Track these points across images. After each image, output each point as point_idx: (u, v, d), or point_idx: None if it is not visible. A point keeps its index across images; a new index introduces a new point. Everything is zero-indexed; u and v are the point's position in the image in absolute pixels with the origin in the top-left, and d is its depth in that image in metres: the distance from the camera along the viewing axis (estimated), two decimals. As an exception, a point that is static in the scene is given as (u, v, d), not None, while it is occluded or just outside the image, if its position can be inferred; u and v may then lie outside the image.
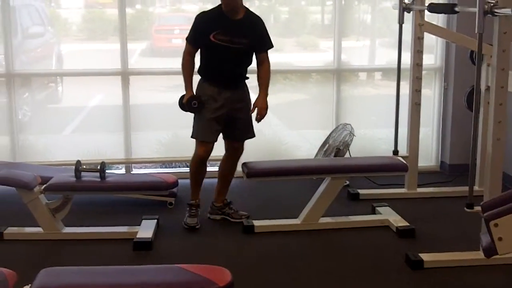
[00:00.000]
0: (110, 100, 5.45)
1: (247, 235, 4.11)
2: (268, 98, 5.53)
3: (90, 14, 5.55)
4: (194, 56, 4.16)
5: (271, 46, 4.25)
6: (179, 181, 4.29)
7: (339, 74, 5.49)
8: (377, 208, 4.44)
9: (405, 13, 4.67)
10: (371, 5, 5.72)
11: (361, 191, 4.84)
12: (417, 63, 4.71)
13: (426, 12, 4.55)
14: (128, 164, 5.40)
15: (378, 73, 5.86)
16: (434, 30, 4.84)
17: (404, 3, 4.63)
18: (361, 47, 5.66)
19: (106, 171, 4.08)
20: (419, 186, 4.93)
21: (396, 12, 4.75)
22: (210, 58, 4.12)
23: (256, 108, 4.19)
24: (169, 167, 5.63)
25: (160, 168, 5.65)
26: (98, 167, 4.05)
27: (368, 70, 5.78)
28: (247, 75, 4.24)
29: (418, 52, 4.68)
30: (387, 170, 4.32)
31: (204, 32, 4.03)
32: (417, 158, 4.88)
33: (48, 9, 5.54)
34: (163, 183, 4.02)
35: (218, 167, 4.50)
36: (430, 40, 5.05)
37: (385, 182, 4.96)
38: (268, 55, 4.23)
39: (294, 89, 5.68)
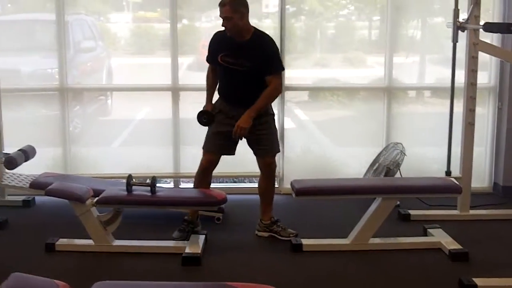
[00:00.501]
0: (159, 114, 5.51)
1: (295, 254, 4.08)
2: (315, 114, 5.62)
3: (138, 29, 5.61)
4: (215, 72, 4.27)
5: (278, 69, 4.18)
6: (227, 196, 4.29)
7: (390, 92, 5.45)
8: (429, 230, 4.35)
9: (459, 32, 4.61)
10: (421, 21, 5.65)
11: (412, 212, 4.75)
12: (472, 83, 4.62)
13: (481, 30, 4.48)
14: (177, 178, 5.44)
15: (428, 90, 5.77)
16: (489, 49, 4.76)
17: (459, 21, 4.56)
18: (410, 63, 5.59)
19: (156, 185, 4.10)
20: (472, 208, 4.82)
21: (447, 28, 4.69)
22: (222, 77, 4.24)
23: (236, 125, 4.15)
24: (217, 182, 5.62)
25: (226, 183, 5.67)
26: (149, 181, 4.08)
27: (420, 88, 5.70)
28: None
29: (472, 71, 4.60)
30: (440, 192, 4.23)
31: (213, 53, 4.19)
32: (471, 180, 4.77)
33: (98, 23, 5.62)
34: (214, 198, 4.01)
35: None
36: (483, 57, 4.95)
37: (436, 202, 4.87)
38: (278, 77, 4.16)
39: (342, 106, 5.64)
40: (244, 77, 4.10)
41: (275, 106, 5.16)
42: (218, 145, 4.23)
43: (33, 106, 5.49)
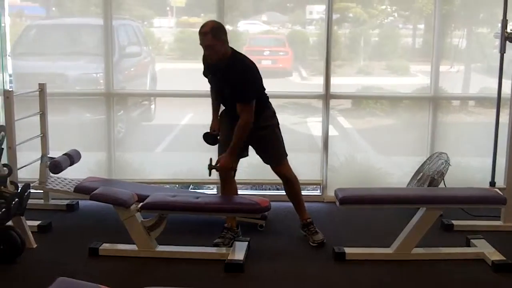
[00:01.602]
0: (202, 119, 5.49)
1: (338, 262, 4.07)
2: (358, 123, 5.59)
3: (182, 34, 5.65)
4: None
5: (245, 99, 4.07)
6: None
7: (436, 101, 5.41)
8: (472, 241, 4.31)
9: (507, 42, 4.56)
10: (466, 30, 5.60)
11: (455, 222, 4.71)
12: (519, 93, 4.58)
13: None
14: (219, 184, 5.43)
15: (472, 100, 5.72)
16: (537, 59, 4.70)
17: (507, 32, 4.52)
18: (454, 72, 5.54)
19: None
20: (516, 219, 4.77)
21: (491, 38, 4.65)
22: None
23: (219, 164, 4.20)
24: (259, 189, 5.66)
25: (250, 189, 5.69)
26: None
27: (465, 98, 5.66)
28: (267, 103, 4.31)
29: (519, 82, 4.56)
30: (485, 203, 4.19)
31: (206, 73, 4.33)
32: (515, 191, 4.72)
33: (142, 28, 5.69)
34: (258, 206, 4.03)
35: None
36: (530, 68, 4.91)
37: (480, 213, 4.81)
38: (246, 106, 4.06)
39: (385, 114, 5.62)
40: (232, 97, 4.15)
41: (319, 113, 5.21)
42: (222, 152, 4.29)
43: (78, 110, 5.59)
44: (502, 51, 4.58)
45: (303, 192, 4.59)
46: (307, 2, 5.55)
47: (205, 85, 5.29)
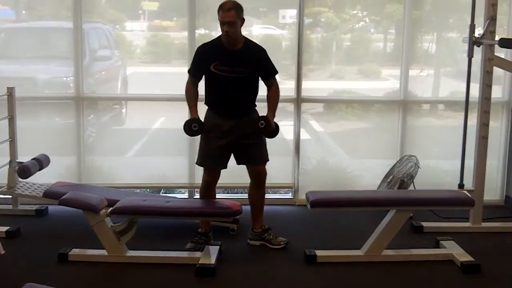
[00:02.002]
0: (174, 123, 5.48)
1: (309, 265, 4.08)
2: (330, 126, 5.62)
3: (154, 38, 5.63)
4: (197, 85, 4.30)
5: (275, 72, 4.34)
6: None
7: (405, 105, 5.47)
8: (441, 242, 4.37)
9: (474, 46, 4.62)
10: (436, 35, 5.67)
11: (425, 224, 4.77)
12: (486, 97, 4.64)
13: (496, 46, 4.49)
14: (192, 188, 5.45)
15: (442, 104, 5.78)
16: (504, 64, 4.78)
17: (474, 37, 4.58)
18: (424, 76, 5.59)
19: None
20: (484, 220, 4.83)
21: (460, 42, 4.71)
22: (213, 88, 4.23)
23: (263, 122, 4.21)
24: (231, 193, 5.66)
25: (222, 193, 5.66)
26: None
27: (434, 101, 5.71)
28: (255, 103, 4.32)
29: (487, 86, 4.62)
30: (453, 205, 4.27)
31: (204, 63, 4.18)
32: (483, 193, 4.79)
33: (114, 32, 5.65)
34: (229, 209, 4.02)
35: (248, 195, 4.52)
36: (497, 72, 4.94)
37: (449, 215, 4.88)
38: (275, 79, 4.33)
39: (357, 118, 5.66)
40: (238, 83, 4.17)
41: (291, 117, 5.23)
42: (219, 161, 4.29)
43: (47, 114, 5.53)
44: (470, 55, 4.63)
45: (276, 196, 4.60)
46: (279, 6, 5.56)
47: (177, 89, 5.31)
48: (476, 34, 4.60)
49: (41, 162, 4.86)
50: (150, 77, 5.66)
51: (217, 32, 5.55)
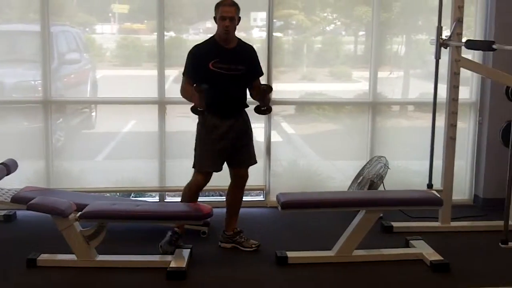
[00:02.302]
0: (144, 127, 5.49)
1: (280, 266, 4.09)
2: (301, 128, 5.65)
3: (124, 40, 5.60)
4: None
5: (262, 73, 4.41)
6: (213, 210, 4.30)
7: (375, 107, 5.51)
8: (411, 242, 4.42)
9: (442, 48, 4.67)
10: (405, 37, 5.73)
11: (394, 224, 4.81)
12: (453, 98, 4.70)
13: (463, 47, 4.54)
14: (162, 192, 5.42)
15: (411, 105, 5.84)
16: (471, 65, 4.84)
17: (441, 39, 4.63)
18: (394, 78, 5.65)
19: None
20: (453, 219, 4.89)
21: (429, 44, 4.76)
22: (212, 87, 4.12)
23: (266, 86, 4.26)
24: (203, 196, 5.61)
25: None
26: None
27: (404, 103, 5.76)
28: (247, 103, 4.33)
29: (454, 87, 4.68)
30: (422, 204, 4.32)
31: (202, 63, 4.13)
32: (451, 192, 4.85)
33: (83, 34, 5.61)
34: (199, 213, 4.01)
35: (225, 196, 4.52)
36: (465, 73, 5.02)
37: (418, 215, 4.92)
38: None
39: (328, 120, 5.69)
40: (236, 80, 4.17)
41: (262, 119, 5.24)
42: (216, 163, 4.25)
43: (15, 118, 5.44)
44: (437, 57, 4.69)
45: (247, 198, 4.60)
46: (251, 9, 5.56)
47: (147, 92, 5.31)
48: (444, 36, 4.66)
49: (8, 167, 4.78)
50: (120, 80, 5.62)
51: (187, 35, 5.62)
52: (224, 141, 4.19)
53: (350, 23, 5.71)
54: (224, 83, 4.15)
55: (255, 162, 4.41)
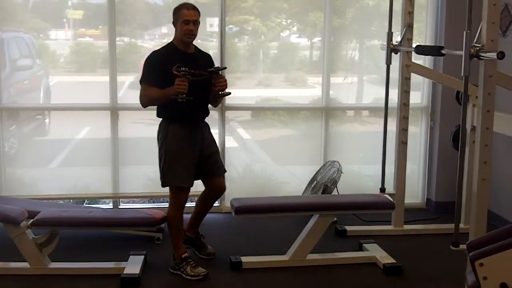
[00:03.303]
0: (97, 133, 5.44)
1: (234, 271, 4.11)
2: (257, 134, 5.69)
3: (78, 46, 5.54)
4: None
5: None
6: (167, 216, 4.29)
7: (327, 112, 5.57)
8: (364, 245, 4.47)
9: (393, 53, 4.74)
10: (359, 42, 5.81)
11: (348, 228, 4.87)
12: (404, 103, 4.78)
13: (413, 53, 4.63)
14: (116, 198, 5.39)
15: (365, 110, 5.92)
16: (421, 71, 4.92)
17: (392, 44, 4.71)
18: (349, 84, 5.72)
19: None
20: (406, 223, 4.97)
21: (383, 51, 4.84)
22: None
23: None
24: (157, 202, 5.63)
25: (148, 203, 5.65)
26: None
27: (356, 108, 5.84)
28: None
29: (405, 92, 4.76)
30: (374, 208, 4.38)
31: (163, 68, 3.87)
32: (404, 196, 4.93)
33: (36, 40, 5.54)
34: (152, 219, 4.01)
35: (196, 203, 4.41)
36: (417, 78, 5.12)
37: (372, 218, 4.99)
38: None
39: (283, 125, 5.73)
40: (201, 86, 3.96)
41: (216, 124, 5.25)
42: (192, 176, 4.06)
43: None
44: (388, 62, 4.76)
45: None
46: (207, 14, 5.55)
47: (102, 98, 5.27)
48: (394, 42, 4.73)
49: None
50: (74, 86, 5.56)
51: (142, 41, 5.60)
52: (194, 151, 4.03)
53: (304, 29, 5.76)
54: (189, 89, 3.84)
55: (225, 169, 4.36)
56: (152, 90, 3.91)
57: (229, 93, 4.16)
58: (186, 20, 3.92)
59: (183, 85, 3.80)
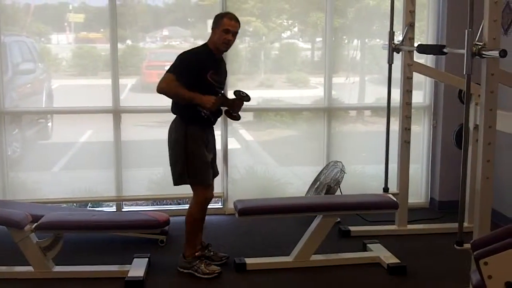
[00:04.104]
0: (100, 136, 5.46)
1: (239, 273, 4.10)
2: (259, 135, 5.68)
3: (80, 50, 5.55)
4: None
5: None
6: (171, 218, 4.29)
7: (330, 112, 5.57)
8: (368, 245, 4.47)
9: (395, 53, 4.74)
10: (360, 42, 5.80)
11: (352, 228, 4.86)
12: (407, 102, 4.78)
13: (415, 52, 4.62)
14: (119, 201, 5.39)
15: (368, 110, 5.92)
16: (423, 70, 4.93)
17: (394, 43, 4.70)
18: (351, 83, 5.72)
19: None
20: (409, 222, 4.97)
21: (384, 50, 4.83)
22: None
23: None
24: (160, 205, 5.63)
25: (151, 205, 5.65)
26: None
27: (359, 108, 5.83)
28: None
29: (407, 91, 4.76)
30: (378, 208, 4.37)
31: (200, 72, 3.92)
32: (407, 196, 4.92)
33: (38, 44, 5.56)
34: (156, 221, 4.02)
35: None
36: (419, 77, 5.13)
37: (375, 218, 4.98)
38: None
39: (285, 126, 5.72)
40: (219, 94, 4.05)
41: (219, 125, 5.24)
42: (211, 174, 4.12)
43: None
44: (390, 61, 4.76)
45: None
46: (208, 16, 5.55)
47: (104, 101, 5.27)
48: (396, 41, 4.73)
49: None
50: (76, 89, 5.57)
51: (144, 43, 5.60)
52: (209, 152, 4.08)
53: (305, 29, 5.76)
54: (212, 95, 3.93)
55: None
56: (180, 87, 3.87)
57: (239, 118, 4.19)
58: (227, 29, 3.95)
59: (214, 105, 3.88)
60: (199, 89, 3.89)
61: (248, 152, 5.71)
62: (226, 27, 3.94)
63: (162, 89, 3.90)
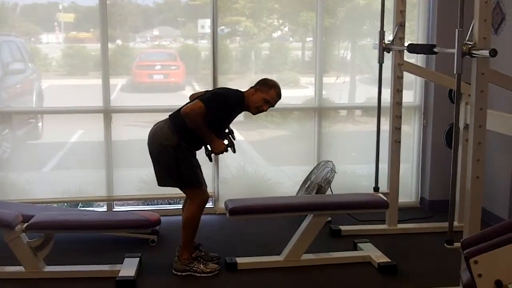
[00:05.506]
0: (91, 136, 5.44)
1: (229, 272, 4.11)
2: (250, 135, 5.69)
3: (70, 50, 5.54)
4: None
5: None
6: (162, 218, 4.29)
7: (320, 112, 5.58)
8: (359, 244, 4.48)
9: (385, 52, 4.76)
10: (350, 42, 5.82)
11: (342, 227, 4.87)
12: (397, 102, 4.79)
13: (406, 51, 4.64)
14: (110, 201, 5.38)
15: (358, 109, 5.93)
16: (413, 69, 4.94)
17: (384, 43, 4.71)
18: (341, 83, 5.73)
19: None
20: (400, 222, 4.98)
21: (375, 50, 4.85)
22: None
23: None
24: (151, 204, 5.63)
25: (142, 205, 5.65)
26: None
27: (349, 107, 5.85)
28: None
29: (397, 91, 4.77)
30: (368, 207, 4.38)
31: (225, 118, 4.09)
32: (397, 195, 4.94)
33: (28, 44, 5.53)
34: (147, 221, 4.01)
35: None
36: (409, 77, 5.14)
37: (366, 218, 4.99)
38: None
39: (276, 126, 5.73)
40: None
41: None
42: (202, 173, 4.18)
43: (-41, 130, 5.35)
44: (381, 61, 4.77)
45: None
46: (198, 16, 5.57)
47: (94, 101, 5.26)
48: (386, 41, 4.74)
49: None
50: (66, 89, 5.56)
51: (134, 43, 5.59)
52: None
53: (296, 29, 5.77)
54: (217, 134, 4.04)
55: None
56: (204, 126, 3.91)
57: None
58: (269, 102, 4.11)
59: (222, 152, 4.07)
60: (213, 126, 3.97)
61: (239, 152, 5.66)
62: (270, 99, 4.11)
63: (187, 114, 3.90)
